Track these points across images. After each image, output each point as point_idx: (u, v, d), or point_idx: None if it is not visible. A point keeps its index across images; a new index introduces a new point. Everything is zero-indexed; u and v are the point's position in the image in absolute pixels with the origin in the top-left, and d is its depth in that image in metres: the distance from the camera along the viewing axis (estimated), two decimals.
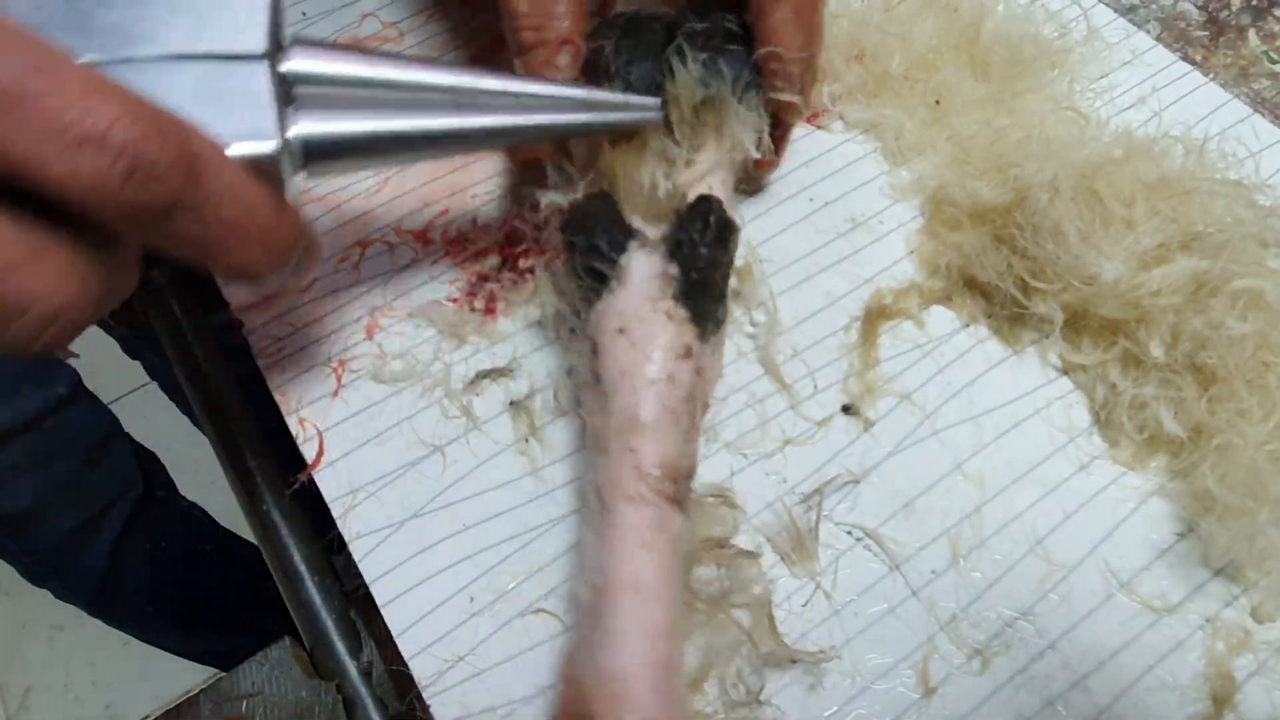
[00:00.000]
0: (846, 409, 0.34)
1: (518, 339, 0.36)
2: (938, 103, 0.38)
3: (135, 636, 0.88)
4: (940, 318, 0.36)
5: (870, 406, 0.34)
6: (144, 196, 0.21)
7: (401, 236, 0.39)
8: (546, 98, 0.32)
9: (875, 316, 0.35)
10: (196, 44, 0.25)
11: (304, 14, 0.46)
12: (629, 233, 0.32)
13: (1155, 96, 0.40)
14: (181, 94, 0.24)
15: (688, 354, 0.30)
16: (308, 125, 0.27)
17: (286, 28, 0.27)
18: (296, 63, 0.27)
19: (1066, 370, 0.34)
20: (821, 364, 0.35)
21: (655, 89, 0.34)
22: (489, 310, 0.37)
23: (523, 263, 0.38)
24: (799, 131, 0.40)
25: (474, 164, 0.40)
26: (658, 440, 0.29)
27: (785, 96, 0.34)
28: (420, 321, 0.37)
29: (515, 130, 0.31)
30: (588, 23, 0.35)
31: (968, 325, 0.35)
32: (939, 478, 0.32)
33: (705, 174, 0.35)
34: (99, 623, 0.82)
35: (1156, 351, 0.31)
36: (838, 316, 0.36)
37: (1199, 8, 0.46)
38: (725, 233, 0.32)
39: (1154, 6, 0.46)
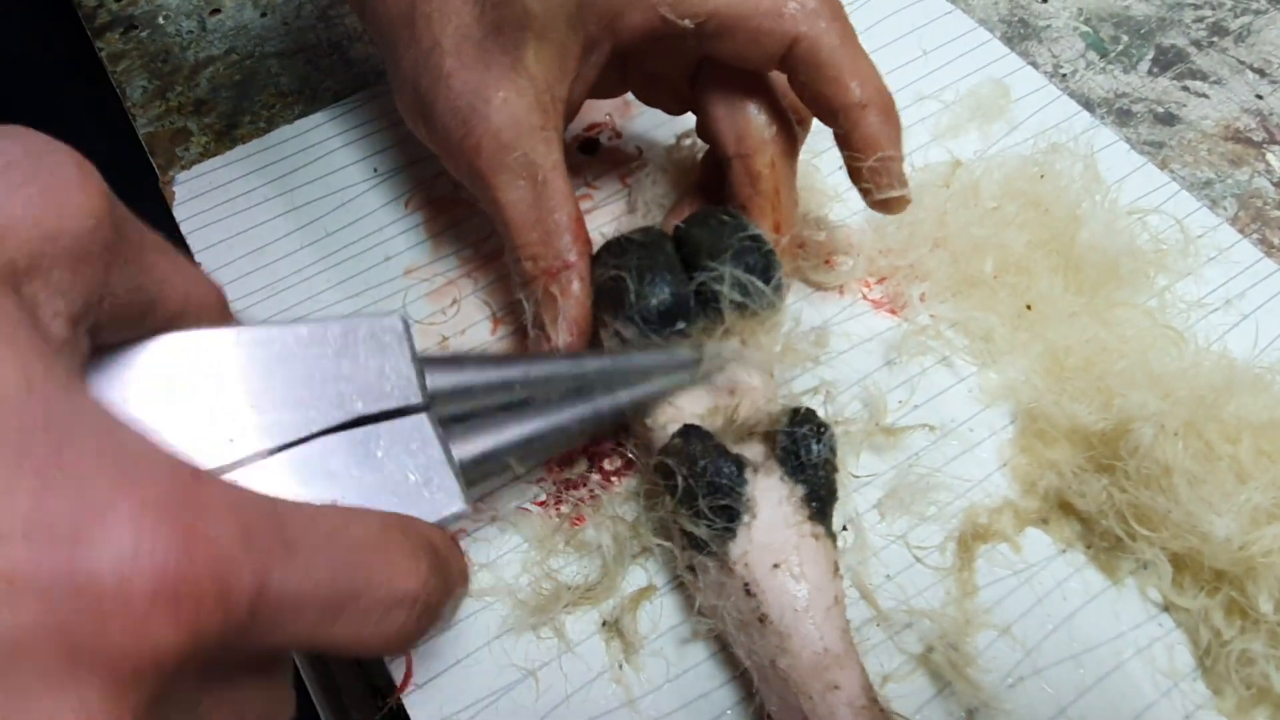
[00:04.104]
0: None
1: (607, 549, 0.35)
2: (1029, 307, 0.38)
3: None
4: (1036, 540, 0.35)
5: (968, 640, 0.33)
6: (427, 624, 0.23)
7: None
8: (656, 364, 0.34)
9: (971, 538, 0.35)
10: (350, 410, 0.25)
11: (375, 170, 0.46)
12: (738, 461, 0.31)
13: (1243, 298, 0.40)
14: (358, 468, 0.25)
15: (837, 569, 0.31)
16: (462, 449, 0.28)
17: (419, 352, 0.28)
18: (434, 380, 0.28)
19: (1168, 607, 0.34)
20: (917, 590, 0.34)
21: (684, 310, 0.34)
22: (576, 519, 0.36)
23: (608, 465, 0.37)
24: (884, 324, 0.40)
25: None
26: (854, 668, 0.29)
27: (893, 193, 0.35)
28: (506, 527, 0.36)
29: (639, 402, 0.33)
30: (589, 246, 0.36)
31: (1064, 551, 0.35)
32: None
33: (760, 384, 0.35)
34: None
35: (1265, 607, 0.31)
36: (931, 535, 0.35)
37: (1275, 184, 0.46)
38: (833, 439, 0.33)
39: (1230, 181, 0.46)
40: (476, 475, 0.29)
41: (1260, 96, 0.49)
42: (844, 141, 0.36)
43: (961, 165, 0.41)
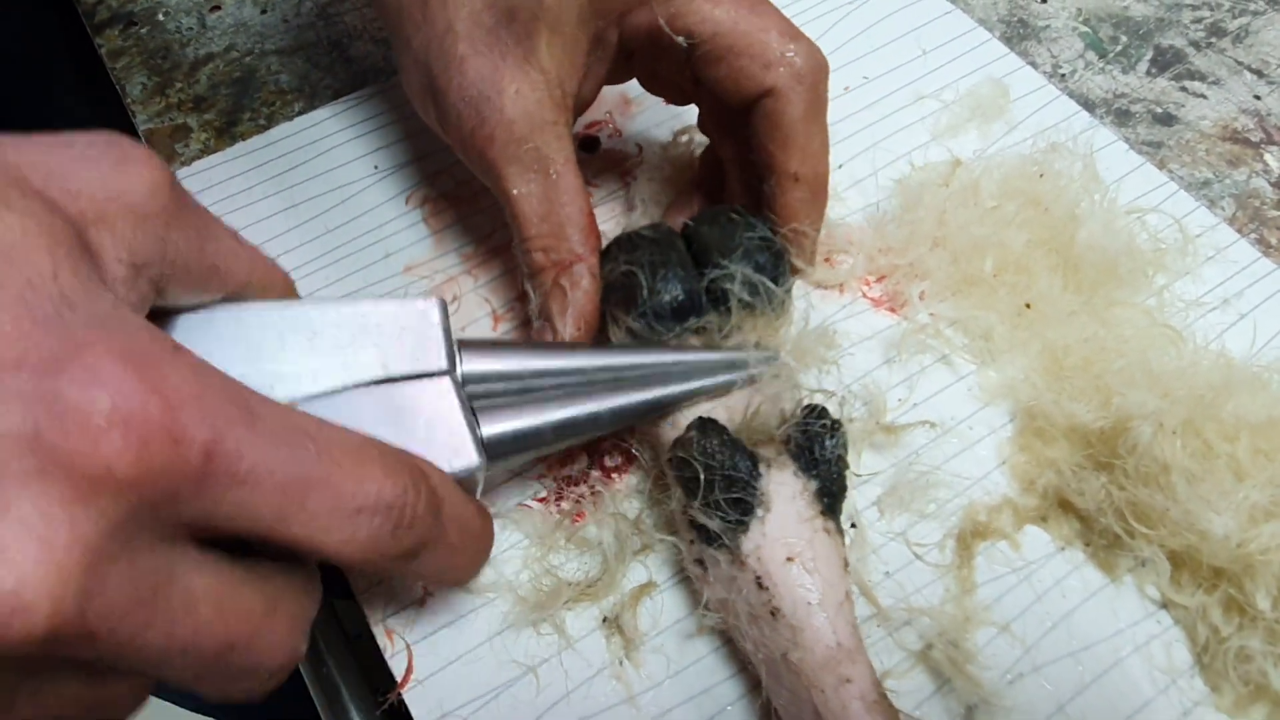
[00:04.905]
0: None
1: (608, 546, 0.35)
2: (1028, 306, 0.38)
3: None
4: (1035, 538, 0.35)
5: (968, 637, 0.33)
6: (405, 543, 0.23)
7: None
8: (690, 363, 0.33)
9: (970, 536, 0.35)
10: (381, 370, 0.27)
11: (375, 167, 0.46)
12: (752, 455, 0.31)
13: (1241, 297, 0.40)
14: (377, 419, 0.26)
15: (846, 565, 0.31)
16: (488, 428, 0.29)
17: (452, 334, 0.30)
18: (466, 365, 0.30)
19: (1166, 604, 0.34)
20: (916, 587, 0.34)
21: (697, 306, 0.35)
22: (577, 515, 0.36)
23: (609, 461, 0.37)
24: (884, 322, 0.40)
25: None
26: (864, 662, 0.29)
27: (797, 263, 0.38)
28: (506, 523, 0.36)
29: (669, 399, 0.33)
30: (599, 241, 0.36)
31: (1063, 549, 0.35)
32: None
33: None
34: None
35: (1263, 604, 0.31)
36: (931, 532, 0.36)
37: (1272, 185, 0.46)
38: (844, 435, 0.33)
39: (1228, 181, 0.46)
40: (504, 450, 0.30)
41: (1258, 97, 0.50)
42: (767, 202, 0.37)
43: (961, 164, 0.41)
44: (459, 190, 0.45)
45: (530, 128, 0.35)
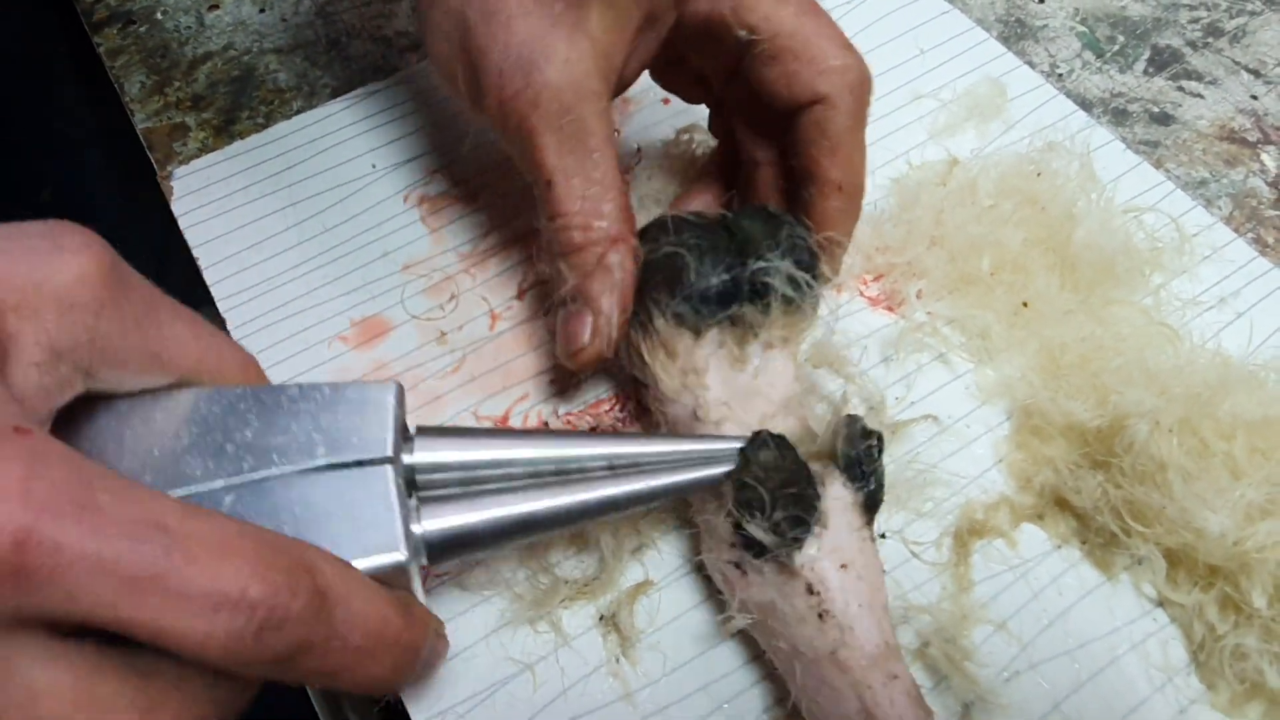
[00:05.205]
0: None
1: (605, 544, 0.35)
2: (1025, 305, 0.38)
3: None
4: (1032, 536, 0.35)
5: (965, 635, 0.33)
6: (276, 646, 0.21)
7: (480, 423, 0.39)
8: (656, 455, 0.31)
9: (967, 534, 0.35)
10: (321, 456, 0.26)
11: (373, 165, 0.46)
12: (810, 475, 0.31)
13: (1237, 296, 0.40)
14: (310, 508, 0.25)
15: (883, 569, 0.32)
16: (432, 523, 0.28)
17: (408, 418, 0.29)
18: (420, 454, 0.29)
19: (1162, 602, 0.34)
20: (913, 585, 0.35)
21: (739, 295, 0.34)
22: None
23: None
24: (881, 321, 0.40)
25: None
26: (903, 660, 0.30)
27: (825, 271, 0.37)
28: None
29: (636, 496, 0.31)
30: (635, 222, 0.35)
31: (1060, 547, 0.35)
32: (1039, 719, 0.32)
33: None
34: None
35: (1259, 602, 0.31)
36: (928, 530, 0.36)
37: (1269, 184, 0.46)
38: (883, 445, 0.33)
39: (1224, 181, 0.46)
40: (447, 545, 0.28)
41: (1255, 97, 0.50)
42: (804, 208, 0.37)
43: (958, 163, 0.41)
44: (457, 189, 0.45)
45: (577, 98, 0.33)
